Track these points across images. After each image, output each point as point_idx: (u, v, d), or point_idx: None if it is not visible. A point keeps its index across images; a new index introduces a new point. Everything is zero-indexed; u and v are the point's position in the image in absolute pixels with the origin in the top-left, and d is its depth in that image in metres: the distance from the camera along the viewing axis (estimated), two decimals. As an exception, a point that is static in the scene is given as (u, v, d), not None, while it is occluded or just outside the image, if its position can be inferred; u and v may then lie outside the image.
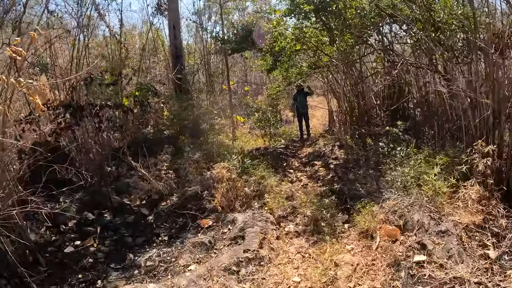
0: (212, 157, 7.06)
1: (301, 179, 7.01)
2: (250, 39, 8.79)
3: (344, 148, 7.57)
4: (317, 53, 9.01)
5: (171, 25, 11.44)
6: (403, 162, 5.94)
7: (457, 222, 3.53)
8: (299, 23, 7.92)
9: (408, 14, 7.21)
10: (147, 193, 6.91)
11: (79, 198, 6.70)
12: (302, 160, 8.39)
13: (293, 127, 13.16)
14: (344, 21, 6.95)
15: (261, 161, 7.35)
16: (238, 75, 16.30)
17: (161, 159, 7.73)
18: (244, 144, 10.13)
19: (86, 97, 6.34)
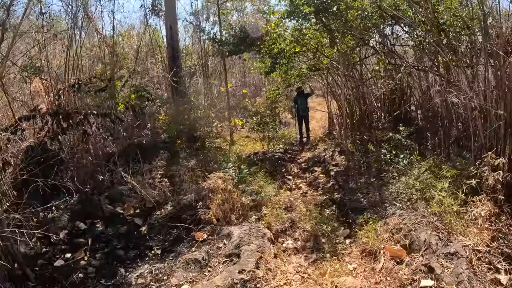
0: (208, 164, 6.83)
1: (300, 187, 6.78)
2: (248, 41, 8.54)
3: (344, 154, 7.33)
4: (317, 55, 8.78)
5: (167, 26, 11.20)
6: (406, 170, 5.73)
7: (466, 242, 3.29)
8: (299, 24, 7.69)
9: (411, 15, 7.00)
10: (141, 201, 6.68)
11: (71, 207, 6.52)
12: (301, 166, 8.15)
13: (292, 130, 12.91)
14: (345, 22, 6.70)
15: (259, 167, 7.12)
16: (237, 76, 16.04)
17: (156, 165, 7.50)
18: (242, 148, 9.90)
19: (75, 104, 6.08)
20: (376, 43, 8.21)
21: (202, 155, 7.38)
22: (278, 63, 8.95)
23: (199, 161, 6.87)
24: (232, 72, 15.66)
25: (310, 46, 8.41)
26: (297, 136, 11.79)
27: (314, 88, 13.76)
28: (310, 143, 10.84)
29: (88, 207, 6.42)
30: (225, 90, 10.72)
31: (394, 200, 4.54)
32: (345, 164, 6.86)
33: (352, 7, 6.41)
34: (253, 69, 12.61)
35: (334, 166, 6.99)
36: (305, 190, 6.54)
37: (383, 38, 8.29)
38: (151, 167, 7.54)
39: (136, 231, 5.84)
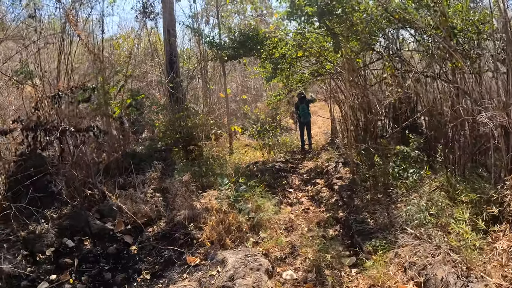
0: (204, 176, 6.44)
1: (302, 201, 6.38)
2: (248, 45, 8.15)
3: (349, 165, 6.93)
4: (320, 60, 8.39)
5: (165, 30, 10.86)
6: (416, 186, 5.34)
7: (488, 281, 2.88)
8: (301, 28, 7.29)
9: (419, 18, 6.61)
10: (132, 216, 6.31)
11: (59, 222, 6.19)
12: (303, 177, 7.75)
13: (293, 136, 12.53)
14: (350, 26, 6.30)
15: (258, 180, 6.74)
16: (237, 80, 15.65)
17: (150, 177, 7.13)
18: (241, 156, 9.52)
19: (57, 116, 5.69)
20: (382, 48, 7.83)
21: (199, 166, 7.01)
22: (280, 68, 8.55)
23: (194, 174, 6.48)
24: (233, 76, 15.28)
25: (312, 51, 8.03)
26: (298, 143, 11.40)
27: (316, 93, 13.40)
28: (312, 151, 10.44)
29: (76, 223, 6.12)
30: (224, 96, 10.33)
31: (405, 224, 4.13)
32: (350, 178, 6.45)
33: (359, 9, 6.03)
34: (253, 74, 12.22)
35: (338, 179, 6.59)
36: (307, 206, 6.14)
37: (389, 42, 7.91)
38: (144, 179, 7.18)
39: (125, 250, 5.51)
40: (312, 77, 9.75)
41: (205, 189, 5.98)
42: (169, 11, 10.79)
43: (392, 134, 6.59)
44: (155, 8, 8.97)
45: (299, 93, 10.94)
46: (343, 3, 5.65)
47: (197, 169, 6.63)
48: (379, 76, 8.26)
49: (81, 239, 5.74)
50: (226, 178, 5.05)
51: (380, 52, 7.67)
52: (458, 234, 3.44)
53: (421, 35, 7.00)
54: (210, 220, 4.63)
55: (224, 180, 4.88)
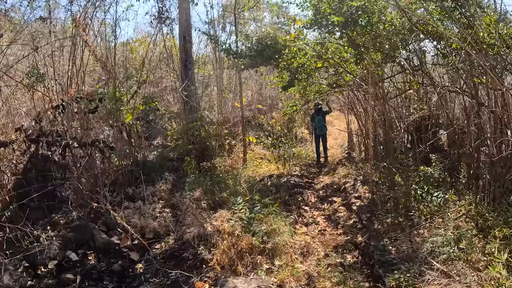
0: (215, 192, 6.15)
1: (318, 221, 6.04)
2: (266, 54, 7.86)
3: (368, 184, 6.56)
4: (339, 71, 8.07)
5: (181, 36, 10.66)
6: (440, 211, 4.96)
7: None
8: (321, 37, 7.00)
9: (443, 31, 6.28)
10: (140, 230, 6.04)
11: (63, 233, 5.97)
12: (319, 194, 7.40)
13: (308, 148, 12.18)
14: (374, 37, 5.97)
15: (273, 197, 6.41)
16: (253, 89, 15.39)
17: (160, 189, 6.86)
18: (256, 168, 9.20)
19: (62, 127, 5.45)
20: (404, 60, 7.50)
21: (211, 181, 6.71)
22: (297, 78, 8.25)
23: (206, 189, 6.19)
24: (248, 84, 15.02)
25: (332, 62, 7.72)
26: (314, 155, 11.04)
27: (332, 102, 13.05)
28: (328, 164, 10.07)
29: (81, 235, 5.89)
30: (239, 106, 10.05)
31: (430, 256, 3.76)
32: (369, 197, 6.08)
33: (385, 20, 5.70)
34: (270, 83, 11.92)
35: (356, 198, 6.23)
36: (323, 227, 5.80)
37: (412, 55, 7.57)
38: (154, 191, 6.92)
39: (131, 268, 5.25)
40: (330, 88, 9.43)
41: (217, 207, 5.69)
42: (186, 17, 10.59)
43: (415, 153, 6.19)
44: (171, 14, 8.71)
45: (316, 104, 10.61)
46: (368, 14, 5.32)
47: (209, 183, 6.33)
48: (400, 89, 7.90)
49: (85, 253, 5.50)
50: (240, 196, 4.73)
51: (402, 65, 7.33)
52: (493, 278, 3.05)
53: (445, 47, 6.67)
54: (221, 244, 4.31)
55: (238, 199, 4.58)
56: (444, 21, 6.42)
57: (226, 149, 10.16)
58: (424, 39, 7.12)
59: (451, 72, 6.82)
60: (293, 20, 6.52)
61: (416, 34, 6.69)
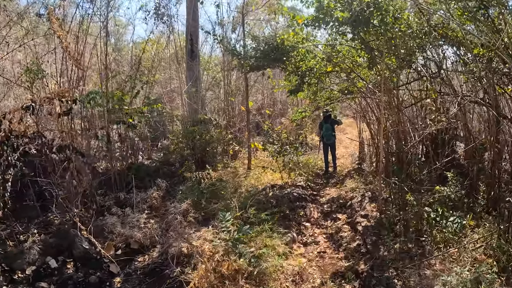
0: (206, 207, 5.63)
1: (318, 241, 5.46)
2: (273, 56, 7.33)
3: (376, 201, 5.96)
4: (351, 77, 7.50)
5: (188, 35, 10.29)
6: (455, 239, 4.37)
7: None
8: (332, 38, 6.43)
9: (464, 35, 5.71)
10: (125, 240, 5.60)
11: (45, 238, 5.64)
12: (323, 209, 6.81)
13: (317, 157, 11.59)
14: (389, 40, 5.40)
15: (271, 211, 5.88)
16: (263, 92, 14.86)
17: (151, 196, 6.40)
18: (259, 176, 8.68)
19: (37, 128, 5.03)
20: (421, 66, 6.94)
21: (206, 188, 6.20)
22: (307, 82, 7.69)
23: (196, 200, 5.70)
24: (258, 88, 14.52)
25: (344, 66, 7.16)
26: (322, 164, 10.44)
27: (344, 109, 12.45)
28: (336, 175, 9.45)
29: (63, 241, 5.54)
30: (245, 109, 9.55)
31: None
32: (377, 217, 5.48)
33: (401, 18, 5.12)
34: (278, 87, 11.37)
35: (363, 217, 5.63)
36: (323, 248, 5.21)
37: (430, 61, 6.99)
38: (146, 197, 6.46)
39: (108, 282, 4.87)
40: (341, 94, 8.85)
41: (208, 219, 5.19)
42: (193, 16, 10.22)
43: (430, 170, 5.58)
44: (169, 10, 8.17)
45: (325, 111, 10.05)
46: (382, 11, 4.74)
47: (202, 193, 5.83)
48: (415, 97, 7.29)
49: (65, 261, 5.22)
50: (228, 213, 4.19)
51: (419, 71, 6.74)
52: None
53: (465, 54, 6.09)
54: (200, 267, 3.79)
55: (226, 215, 4.05)
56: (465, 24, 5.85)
57: (229, 155, 9.68)
58: (443, 44, 6.54)
59: (472, 80, 6.25)
60: (292, 16, 5.90)
61: (434, 39, 6.13)
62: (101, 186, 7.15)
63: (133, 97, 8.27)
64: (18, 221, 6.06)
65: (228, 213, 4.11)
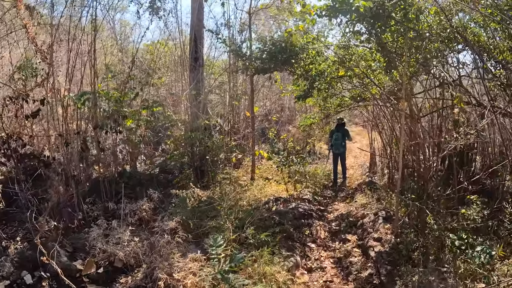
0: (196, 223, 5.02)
1: (324, 267, 4.81)
2: (281, 58, 6.74)
3: (391, 222, 5.31)
4: (364, 82, 6.89)
5: (192, 35, 9.75)
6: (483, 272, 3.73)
7: None
8: (346, 39, 5.83)
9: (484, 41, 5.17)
10: (108, 257, 5.01)
11: (21, 250, 5.12)
12: (331, 227, 6.16)
13: (325, 167, 10.97)
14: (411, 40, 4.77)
15: (273, 230, 5.25)
16: (272, 98, 14.27)
17: (140, 207, 5.81)
18: (263, 186, 8.07)
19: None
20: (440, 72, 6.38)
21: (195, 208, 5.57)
22: (316, 88, 7.08)
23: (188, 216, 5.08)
24: (266, 93, 13.94)
25: (357, 71, 6.55)
26: (331, 175, 9.81)
27: (354, 117, 11.86)
28: (346, 188, 8.78)
29: (41, 255, 4.99)
30: (250, 115, 8.97)
31: None
32: (392, 241, 4.82)
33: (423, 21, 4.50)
34: (285, 91, 10.77)
35: (376, 240, 4.97)
36: (330, 276, 4.55)
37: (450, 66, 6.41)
38: (135, 209, 5.87)
39: (86, 305, 4.24)
40: (353, 101, 8.23)
41: (198, 240, 4.59)
42: (198, 15, 9.69)
43: (454, 190, 4.92)
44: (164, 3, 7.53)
45: (339, 119, 9.52)
46: (406, 5, 4.12)
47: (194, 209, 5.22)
48: (432, 106, 6.66)
49: (41, 277, 4.66)
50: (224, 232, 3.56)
51: (439, 77, 6.13)
52: None
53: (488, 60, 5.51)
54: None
55: (218, 239, 3.43)
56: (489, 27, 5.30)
57: (232, 163, 9.09)
58: (463, 49, 5.97)
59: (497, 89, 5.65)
60: (303, 5, 5.20)
61: (456, 42, 5.55)
62: (91, 193, 6.63)
63: (132, 99, 7.76)
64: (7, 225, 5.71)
65: (220, 237, 3.50)
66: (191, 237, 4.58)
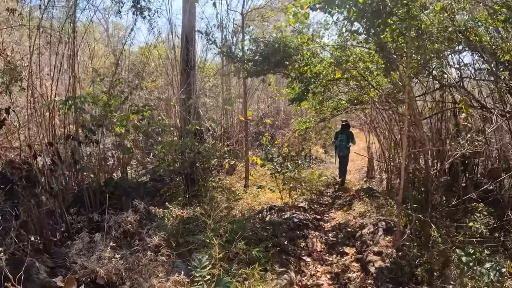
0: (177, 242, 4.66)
1: (321, 284, 4.45)
2: (273, 60, 6.40)
3: (392, 234, 4.99)
4: (362, 85, 6.60)
5: (183, 37, 9.42)
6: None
7: None
8: (343, 39, 5.52)
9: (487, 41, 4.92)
10: (90, 274, 4.65)
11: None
12: (327, 238, 5.81)
13: (324, 170, 10.67)
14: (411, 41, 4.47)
15: (266, 243, 4.92)
16: (267, 101, 13.94)
17: (125, 219, 5.45)
18: (258, 194, 7.75)
19: None
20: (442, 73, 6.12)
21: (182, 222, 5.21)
22: (312, 91, 6.77)
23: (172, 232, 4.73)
24: (260, 97, 13.62)
25: (354, 72, 6.24)
26: (326, 179, 9.57)
27: (350, 120, 11.60)
28: (343, 195, 8.44)
29: (18, 271, 4.63)
30: (243, 119, 8.64)
31: None
32: (393, 256, 4.49)
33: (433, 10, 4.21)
34: (279, 95, 10.44)
35: (376, 254, 4.63)
36: (326, 295, 4.24)
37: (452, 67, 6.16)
38: (120, 221, 5.51)
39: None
40: (350, 104, 7.91)
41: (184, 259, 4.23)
42: (189, 17, 9.36)
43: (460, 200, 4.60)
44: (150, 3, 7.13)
45: (344, 121, 9.58)
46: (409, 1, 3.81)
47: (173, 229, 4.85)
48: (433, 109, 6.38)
49: None
50: (205, 256, 3.21)
51: (440, 79, 5.87)
52: None
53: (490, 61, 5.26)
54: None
55: (203, 260, 3.09)
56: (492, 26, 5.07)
57: (225, 170, 8.76)
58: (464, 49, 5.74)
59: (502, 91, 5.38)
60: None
61: (457, 42, 5.30)
62: (76, 204, 6.27)
63: (121, 103, 7.40)
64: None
65: (205, 257, 3.16)
66: (176, 254, 4.23)
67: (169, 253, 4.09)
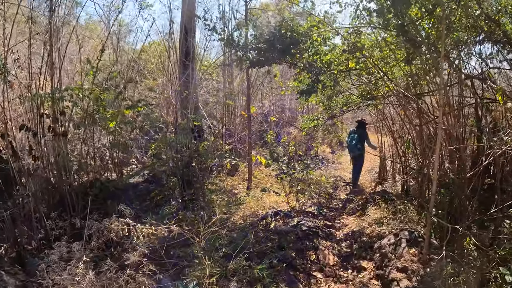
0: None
1: (335, 307, 3.76)
2: (279, 47, 5.70)
3: (418, 246, 4.26)
4: (377, 77, 5.91)
5: (182, 28, 8.77)
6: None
7: None
8: (359, 21, 4.82)
9: None
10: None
11: None
12: (340, 248, 5.07)
13: (331, 171, 9.98)
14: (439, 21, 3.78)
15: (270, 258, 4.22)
16: (272, 99, 13.22)
17: (109, 227, 4.77)
18: (260, 197, 7.07)
19: None
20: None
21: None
22: (322, 83, 6.06)
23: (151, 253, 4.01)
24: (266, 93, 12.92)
25: (369, 63, 5.55)
26: (337, 183, 8.87)
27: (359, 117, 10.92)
28: (355, 199, 7.69)
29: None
30: (246, 115, 7.95)
31: None
32: (420, 273, 3.77)
33: None
34: (285, 89, 9.74)
35: (399, 271, 3.91)
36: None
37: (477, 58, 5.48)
38: (103, 228, 4.85)
39: None
40: (363, 99, 7.19)
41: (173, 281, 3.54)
42: (189, 6, 8.70)
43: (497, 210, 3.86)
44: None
45: (360, 119, 8.94)
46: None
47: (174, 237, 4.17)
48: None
49: None
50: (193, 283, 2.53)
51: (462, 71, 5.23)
52: None
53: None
54: None
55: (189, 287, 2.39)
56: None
57: (226, 170, 8.08)
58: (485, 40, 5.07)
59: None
60: None
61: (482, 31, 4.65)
62: (58, 207, 5.64)
63: (115, 98, 6.80)
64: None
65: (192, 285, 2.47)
66: (161, 273, 3.54)
67: (153, 271, 3.39)
